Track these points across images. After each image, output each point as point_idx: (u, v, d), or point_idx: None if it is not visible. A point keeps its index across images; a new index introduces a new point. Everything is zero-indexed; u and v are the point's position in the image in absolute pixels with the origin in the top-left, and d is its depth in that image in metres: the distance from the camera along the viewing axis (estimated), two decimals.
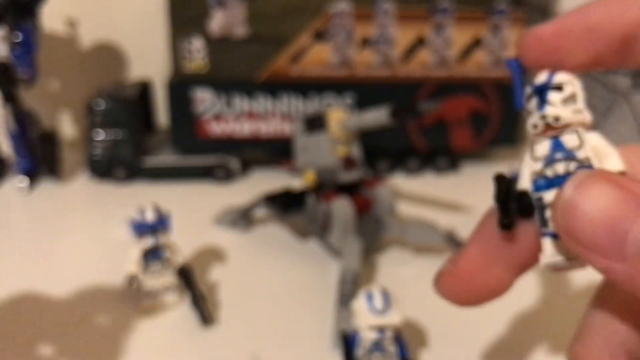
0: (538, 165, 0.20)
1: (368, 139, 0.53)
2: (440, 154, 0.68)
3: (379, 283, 0.45)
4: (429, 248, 0.49)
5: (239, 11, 0.62)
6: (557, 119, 0.20)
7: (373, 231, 0.49)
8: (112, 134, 0.63)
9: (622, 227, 0.15)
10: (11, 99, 0.58)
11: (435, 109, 0.43)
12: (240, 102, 0.65)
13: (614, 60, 0.20)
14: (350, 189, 0.49)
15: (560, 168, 0.19)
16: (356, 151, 0.50)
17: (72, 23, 0.72)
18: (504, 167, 0.22)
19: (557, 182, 0.19)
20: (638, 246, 0.15)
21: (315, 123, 0.50)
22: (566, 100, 0.20)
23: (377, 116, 0.45)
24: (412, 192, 0.62)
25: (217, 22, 0.63)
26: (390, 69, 0.66)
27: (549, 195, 0.19)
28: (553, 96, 0.20)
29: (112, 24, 0.73)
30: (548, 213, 0.19)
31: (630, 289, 0.15)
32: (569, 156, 0.19)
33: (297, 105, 0.65)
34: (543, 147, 0.20)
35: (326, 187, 0.50)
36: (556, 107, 0.20)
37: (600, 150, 0.19)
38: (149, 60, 0.74)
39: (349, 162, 0.49)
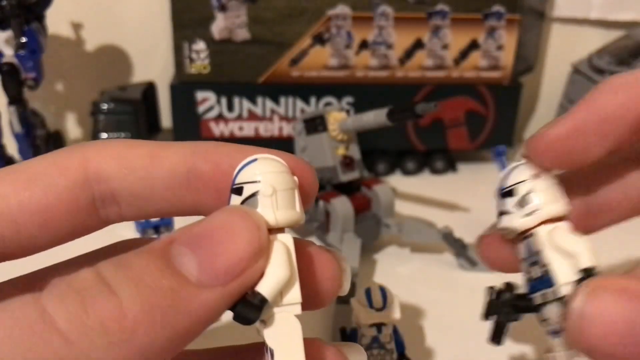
0: (524, 267, 0.20)
1: (367, 140, 0.54)
2: (437, 155, 0.69)
3: (378, 280, 0.46)
4: (427, 246, 0.50)
5: (240, 14, 0.63)
6: (513, 231, 0.19)
7: (372, 230, 0.50)
8: (116, 135, 0.64)
9: (638, 333, 0.15)
10: (17, 101, 0.59)
11: (433, 110, 0.43)
12: (242, 104, 0.66)
13: (628, 145, 0.19)
14: (349, 189, 0.50)
15: (535, 272, 0.19)
16: (355, 151, 0.51)
17: (76, 26, 0.73)
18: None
19: (536, 285, 0.19)
20: None
21: (314, 124, 0.51)
22: (520, 203, 0.19)
23: (376, 117, 0.45)
24: (410, 192, 0.63)
25: (218, 25, 0.64)
26: (389, 71, 0.67)
27: (536, 298, 0.19)
28: (507, 204, 0.20)
29: (116, 27, 0.74)
30: (543, 314, 0.19)
31: None
32: (536, 260, 0.19)
33: (297, 107, 0.67)
34: (521, 249, 0.20)
35: (325, 186, 0.50)
36: (509, 215, 0.19)
37: (564, 249, 0.18)
38: (152, 62, 0.75)
39: (348, 162, 0.50)
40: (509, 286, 0.20)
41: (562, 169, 0.20)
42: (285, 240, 0.17)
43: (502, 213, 0.20)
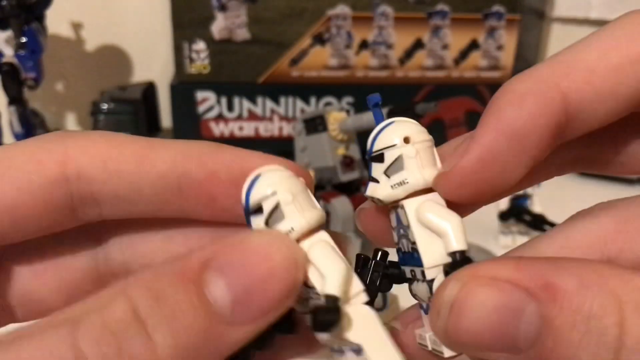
0: (395, 237, 0.18)
1: (367, 140, 0.54)
2: None
3: None
4: None
5: (240, 14, 0.64)
6: (379, 201, 0.17)
7: None
8: None
9: (511, 330, 0.15)
10: (17, 101, 0.59)
11: (433, 110, 0.44)
12: (242, 104, 0.66)
13: (547, 153, 0.17)
14: (349, 189, 0.50)
15: (404, 245, 0.18)
16: (355, 152, 0.51)
17: (76, 26, 0.73)
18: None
19: (405, 259, 0.18)
20: (529, 343, 0.15)
21: (314, 124, 0.51)
22: (389, 171, 0.17)
23: None
24: None
25: (218, 25, 0.64)
26: (389, 71, 0.67)
27: (406, 272, 0.18)
28: (375, 169, 0.18)
29: (116, 27, 0.74)
30: (412, 289, 0.18)
31: None
32: (406, 234, 0.17)
33: (297, 107, 0.67)
34: (392, 219, 0.18)
35: (325, 186, 0.51)
36: (377, 184, 0.17)
37: (431, 228, 0.17)
38: (152, 62, 0.75)
39: (348, 162, 0.50)
40: (382, 254, 0.18)
41: (483, 202, 0.17)
42: (324, 238, 0.17)
43: (370, 179, 0.18)
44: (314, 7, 0.64)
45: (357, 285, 0.16)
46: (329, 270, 0.16)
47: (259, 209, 0.17)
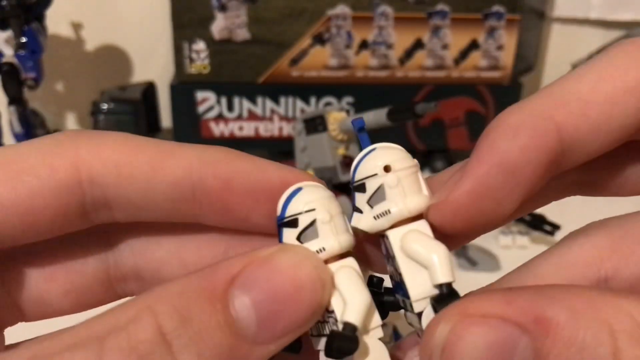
0: (387, 264, 0.18)
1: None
2: (437, 155, 0.69)
3: None
4: None
5: (240, 14, 0.64)
6: (361, 232, 0.17)
7: None
8: None
9: None
10: (17, 101, 0.59)
11: (433, 110, 0.44)
12: (242, 104, 0.66)
13: (541, 184, 0.17)
14: (349, 189, 0.50)
15: (394, 273, 0.17)
16: (355, 152, 0.51)
17: (76, 26, 0.73)
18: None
19: (397, 288, 0.17)
20: None
21: (314, 124, 0.51)
22: (371, 201, 0.17)
23: (376, 117, 0.46)
24: None
25: (218, 25, 0.64)
26: (389, 71, 0.67)
27: (399, 300, 0.18)
28: (358, 200, 0.17)
29: (116, 27, 0.74)
30: (407, 318, 0.17)
31: None
32: (393, 264, 0.17)
33: (297, 107, 0.67)
34: (382, 247, 0.18)
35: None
36: (361, 215, 0.17)
37: (420, 260, 0.16)
38: (152, 62, 0.75)
39: (348, 162, 0.50)
40: (377, 280, 0.18)
41: (475, 233, 0.17)
42: (351, 265, 0.16)
43: (354, 209, 0.17)
44: (314, 7, 0.64)
45: (377, 319, 0.16)
46: (352, 298, 0.16)
47: (293, 222, 0.16)
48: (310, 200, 0.16)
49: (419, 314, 0.17)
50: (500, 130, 0.16)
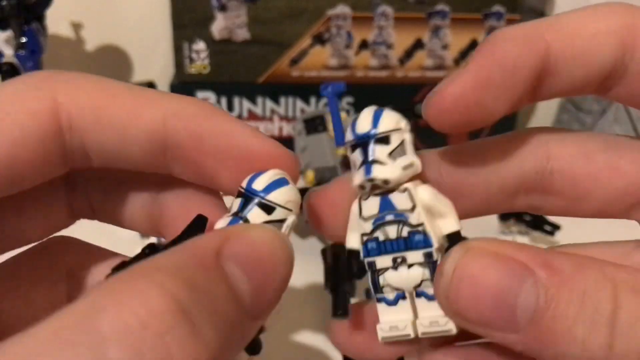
0: (368, 226, 0.18)
1: None
2: None
3: None
4: None
5: (240, 14, 0.64)
6: (386, 182, 0.17)
7: None
8: None
9: (510, 300, 0.15)
10: None
11: None
12: (242, 104, 0.66)
13: (528, 99, 0.18)
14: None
15: (391, 232, 0.17)
16: None
17: (76, 26, 0.73)
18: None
19: (389, 247, 0.17)
20: (527, 317, 0.15)
21: (314, 124, 0.51)
22: (394, 154, 0.17)
23: None
24: None
25: (218, 25, 0.64)
26: (389, 71, 0.67)
27: (382, 261, 0.18)
28: (379, 152, 0.17)
29: (116, 27, 0.74)
30: (382, 279, 0.18)
31: (529, 355, 0.16)
32: (401, 219, 0.17)
33: (297, 107, 0.67)
34: (372, 206, 0.18)
35: None
36: (384, 166, 0.17)
37: (435, 209, 0.17)
38: (152, 62, 0.75)
39: (348, 162, 0.50)
40: (347, 250, 0.18)
41: (465, 129, 0.18)
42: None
43: (369, 162, 0.17)
44: (314, 7, 0.64)
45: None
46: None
47: (270, 209, 0.17)
48: (291, 201, 0.17)
49: (435, 263, 0.17)
50: (499, 38, 0.17)
